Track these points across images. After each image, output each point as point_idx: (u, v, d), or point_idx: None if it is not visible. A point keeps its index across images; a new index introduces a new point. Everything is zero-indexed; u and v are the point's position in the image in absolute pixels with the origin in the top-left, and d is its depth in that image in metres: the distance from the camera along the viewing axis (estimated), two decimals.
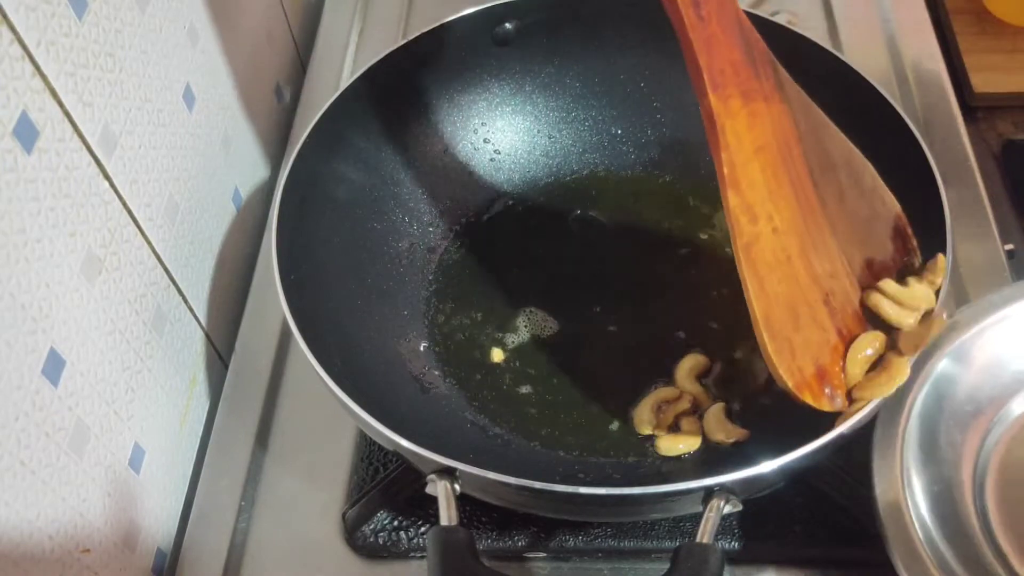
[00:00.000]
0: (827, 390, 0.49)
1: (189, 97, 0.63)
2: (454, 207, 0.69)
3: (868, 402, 0.48)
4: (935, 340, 0.52)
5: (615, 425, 0.59)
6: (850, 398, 0.50)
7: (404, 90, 0.66)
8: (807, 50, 0.63)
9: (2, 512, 0.43)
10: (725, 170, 0.49)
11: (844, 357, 0.51)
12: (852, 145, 0.53)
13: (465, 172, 0.70)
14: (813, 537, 0.55)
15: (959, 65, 0.84)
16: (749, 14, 0.64)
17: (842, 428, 0.46)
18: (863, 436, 0.51)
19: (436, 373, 0.61)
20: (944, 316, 0.52)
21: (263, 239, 0.74)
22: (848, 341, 0.51)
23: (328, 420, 0.63)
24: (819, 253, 0.51)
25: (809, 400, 0.49)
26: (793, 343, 0.49)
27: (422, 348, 0.63)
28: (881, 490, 0.49)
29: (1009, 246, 0.69)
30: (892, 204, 0.53)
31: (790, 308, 0.50)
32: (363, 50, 0.86)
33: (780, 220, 0.50)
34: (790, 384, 0.48)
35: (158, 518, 0.58)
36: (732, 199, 0.49)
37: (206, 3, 0.66)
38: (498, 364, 0.62)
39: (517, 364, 0.62)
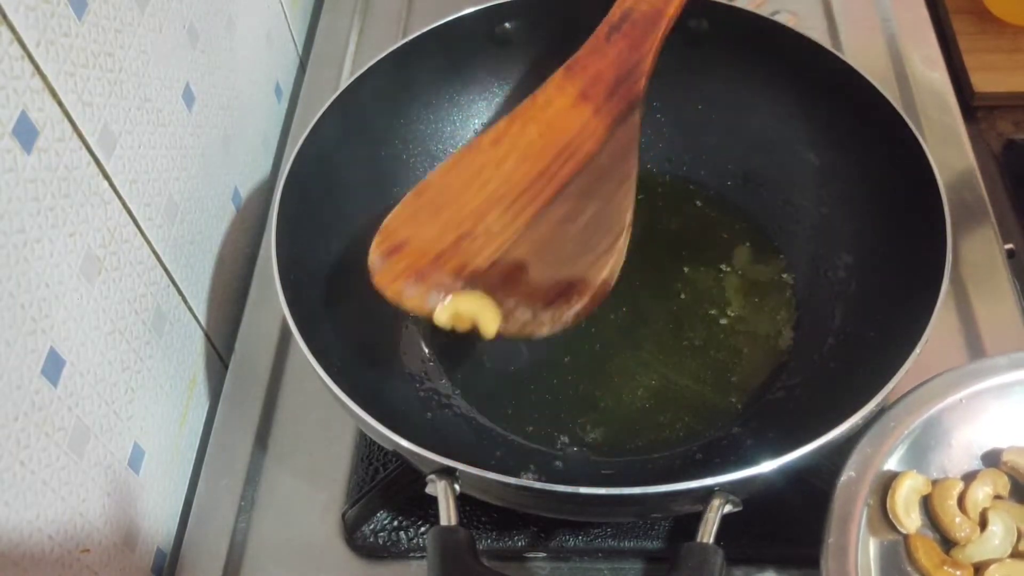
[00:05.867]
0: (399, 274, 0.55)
1: (189, 97, 0.63)
2: None
3: None
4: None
5: (615, 424, 0.59)
6: None
7: (404, 90, 0.66)
8: (807, 50, 0.62)
9: (2, 512, 0.43)
10: (526, 101, 0.60)
11: (432, 274, 0.55)
12: (626, 215, 0.58)
13: None
14: (813, 537, 0.55)
15: (959, 65, 0.84)
16: (750, 13, 0.65)
17: (842, 429, 0.46)
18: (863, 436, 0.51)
19: (436, 373, 0.61)
20: None
21: (263, 239, 0.74)
22: (436, 266, 0.55)
23: (328, 420, 0.63)
24: (502, 213, 0.57)
25: (373, 258, 0.55)
26: (419, 217, 0.57)
27: (422, 348, 0.62)
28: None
29: (1009, 246, 0.69)
30: (592, 277, 0.56)
31: (450, 202, 0.57)
32: (363, 50, 0.86)
33: (511, 163, 0.58)
34: (384, 224, 0.56)
35: (158, 518, 0.58)
36: (507, 121, 0.59)
37: (206, 3, 0.66)
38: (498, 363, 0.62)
39: (517, 364, 0.62)
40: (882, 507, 0.49)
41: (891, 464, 0.50)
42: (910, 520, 0.49)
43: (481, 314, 0.54)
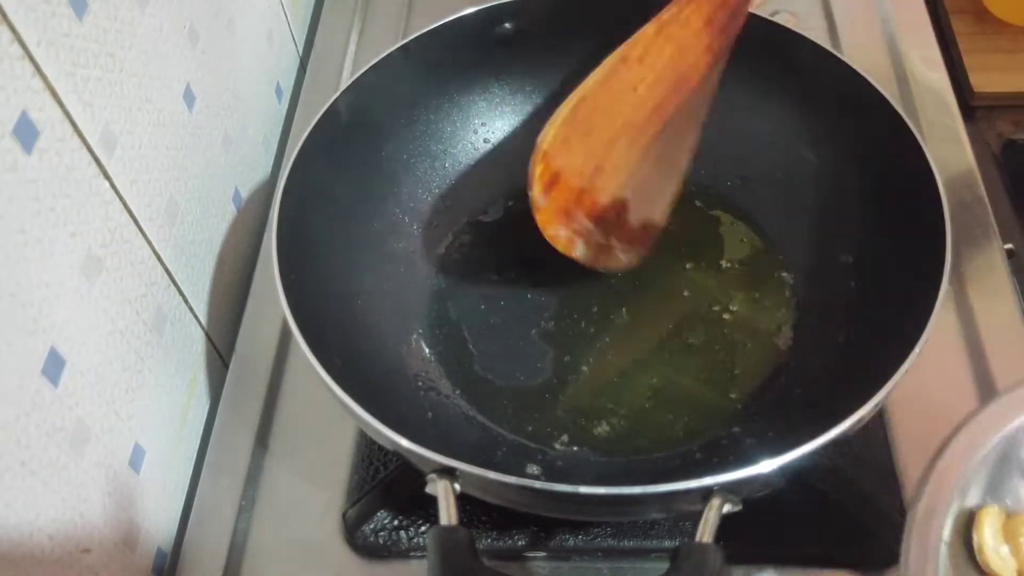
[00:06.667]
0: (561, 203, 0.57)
1: (189, 97, 0.63)
2: (454, 207, 0.69)
3: None
4: None
5: (615, 423, 0.59)
6: None
7: (404, 90, 0.66)
8: (807, 50, 0.63)
9: (2, 512, 0.43)
10: (671, 9, 0.58)
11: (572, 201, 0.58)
12: (686, 160, 0.61)
13: (465, 172, 0.70)
14: (813, 537, 0.55)
15: (959, 65, 0.84)
16: (749, 14, 0.65)
17: (842, 428, 0.46)
18: (864, 436, 0.51)
19: (436, 373, 0.61)
20: None
21: (263, 239, 0.74)
22: (578, 204, 0.58)
23: (328, 420, 0.63)
24: (627, 145, 0.57)
25: (536, 192, 0.57)
26: (571, 141, 0.56)
27: (422, 348, 0.63)
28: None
29: (1009, 246, 0.69)
30: (659, 220, 0.62)
31: (597, 126, 0.56)
32: (363, 50, 0.86)
33: (646, 86, 0.57)
34: (543, 146, 0.56)
35: (158, 518, 0.58)
36: (654, 31, 0.57)
37: (206, 3, 0.66)
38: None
39: (518, 363, 0.62)
40: (961, 543, 0.45)
41: (971, 495, 0.44)
42: (1002, 560, 0.44)
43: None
